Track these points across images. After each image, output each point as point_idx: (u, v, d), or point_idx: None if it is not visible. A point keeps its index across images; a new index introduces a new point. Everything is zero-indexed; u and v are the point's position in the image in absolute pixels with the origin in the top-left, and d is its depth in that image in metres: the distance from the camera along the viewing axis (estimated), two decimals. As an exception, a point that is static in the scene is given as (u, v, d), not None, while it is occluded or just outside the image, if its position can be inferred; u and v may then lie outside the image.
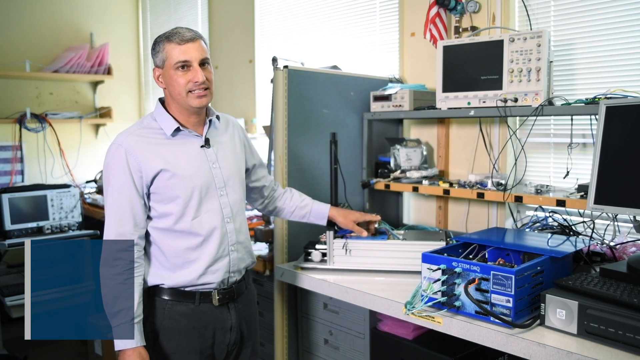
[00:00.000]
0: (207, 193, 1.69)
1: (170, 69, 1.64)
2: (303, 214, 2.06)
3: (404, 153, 2.56)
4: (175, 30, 1.65)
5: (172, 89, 1.66)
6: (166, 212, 1.65)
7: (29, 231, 3.32)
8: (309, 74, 2.41)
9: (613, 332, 1.34)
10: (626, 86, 1.98)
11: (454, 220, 2.66)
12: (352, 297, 1.91)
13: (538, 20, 2.32)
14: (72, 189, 3.53)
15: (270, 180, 2.05)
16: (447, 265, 1.60)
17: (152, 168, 1.62)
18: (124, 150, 1.62)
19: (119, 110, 4.80)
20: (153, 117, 1.71)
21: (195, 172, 1.67)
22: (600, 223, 2.06)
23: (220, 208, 1.71)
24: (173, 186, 1.64)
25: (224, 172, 1.73)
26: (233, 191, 1.75)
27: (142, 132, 1.67)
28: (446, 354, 1.82)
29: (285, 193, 2.08)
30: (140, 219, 1.64)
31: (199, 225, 1.67)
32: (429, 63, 2.66)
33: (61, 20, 4.57)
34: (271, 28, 3.76)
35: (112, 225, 1.63)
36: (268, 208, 2.07)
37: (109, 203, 1.64)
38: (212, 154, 1.72)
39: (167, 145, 1.66)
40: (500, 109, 2.09)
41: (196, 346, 1.68)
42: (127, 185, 1.62)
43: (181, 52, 1.63)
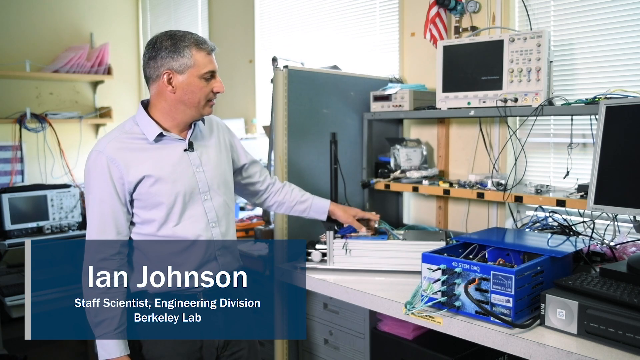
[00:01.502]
0: (191, 198, 1.66)
1: (194, 77, 1.60)
2: (303, 209, 2.04)
3: (404, 153, 2.56)
4: (199, 37, 1.62)
5: (188, 96, 1.62)
6: (149, 219, 1.63)
7: (29, 231, 3.32)
8: (309, 74, 2.41)
9: (613, 332, 1.34)
10: (626, 86, 1.98)
11: (454, 220, 2.66)
12: (352, 297, 1.91)
13: (538, 20, 2.32)
14: (72, 189, 3.54)
15: (266, 175, 2.02)
16: (447, 265, 1.60)
17: (135, 175, 1.60)
18: (105, 157, 1.59)
19: (119, 110, 4.80)
20: (135, 122, 1.67)
21: (179, 177, 1.64)
22: (600, 223, 2.06)
23: (204, 213, 1.68)
24: (156, 192, 1.61)
25: (207, 175, 1.70)
26: (218, 195, 1.72)
27: (124, 137, 1.63)
28: (446, 354, 1.82)
29: (285, 187, 2.05)
30: (122, 227, 1.62)
31: (183, 231, 1.65)
32: (429, 63, 2.66)
33: (61, 20, 4.56)
34: (271, 28, 3.76)
35: (93, 234, 1.61)
36: (267, 203, 2.05)
37: (90, 211, 1.62)
38: (196, 157, 1.69)
39: (150, 151, 1.63)
40: (500, 109, 2.09)
41: (183, 350, 1.67)
42: (108, 193, 1.59)
43: (210, 61, 1.62)
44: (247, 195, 2.04)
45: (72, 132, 4.53)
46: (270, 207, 2.08)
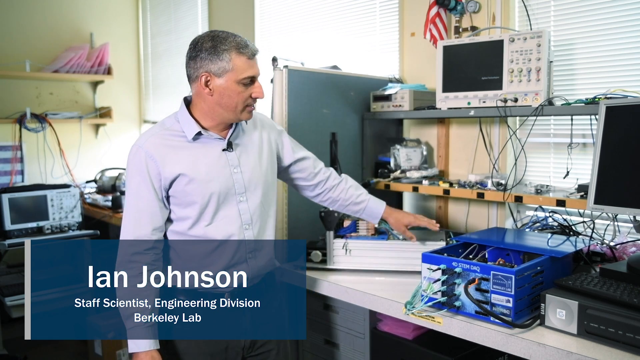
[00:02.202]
0: (226, 199, 1.65)
1: (232, 82, 1.59)
2: (357, 210, 1.98)
3: (404, 153, 2.56)
4: (241, 40, 1.60)
5: (226, 100, 1.61)
6: (183, 216, 1.64)
7: (29, 231, 3.32)
8: (309, 74, 2.40)
9: (613, 332, 1.34)
10: (626, 86, 1.98)
11: (454, 220, 2.66)
12: (352, 297, 1.91)
13: (538, 20, 2.32)
14: (72, 189, 3.53)
15: (318, 171, 1.95)
16: (447, 265, 1.60)
17: (170, 172, 1.61)
18: (143, 152, 1.61)
19: (119, 110, 4.80)
20: (176, 119, 1.67)
21: (214, 178, 1.63)
22: (600, 223, 2.06)
23: (238, 214, 1.67)
24: (190, 191, 1.61)
25: (245, 176, 1.68)
26: (254, 196, 1.70)
27: (164, 133, 1.64)
28: (446, 354, 1.82)
29: (340, 184, 1.97)
30: (158, 222, 1.63)
31: (214, 232, 1.64)
32: (429, 63, 2.66)
33: (61, 20, 4.56)
34: (271, 28, 3.75)
35: (129, 227, 1.62)
36: (320, 198, 1.98)
37: (127, 205, 1.64)
38: (234, 157, 1.68)
39: (187, 149, 1.63)
40: (500, 109, 2.09)
41: (207, 349, 1.67)
42: (145, 188, 1.61)
43: (250, 66, 1.60)
44: (299, 189, 1.99)
45: (72, 132, 4.53)
46: (323, 202, 2.01)
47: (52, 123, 4.31)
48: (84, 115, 4.58)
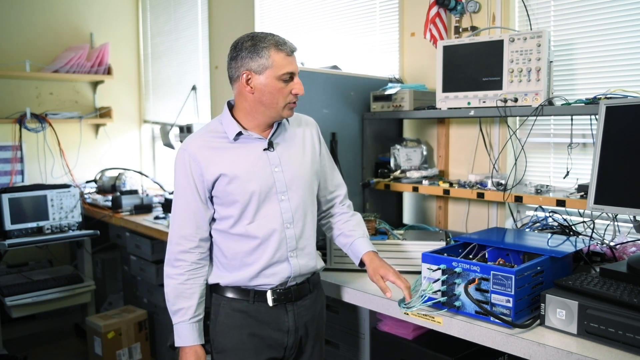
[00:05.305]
0: (267, 198, 1.66)
1: (272, 78, 1.59)
2: (344, 243, 1.86)
3: (404, 153, 2.56)
4: (280, 38, 1.62)
5: (266, 97, 1.61)
6: (226, 215, 1.67)
7: (29, 231, 3.32)
8: (309, 74, 2.40)
9: (613, 332, 1.34)
10: (626, 86, 1.99)
11: (454, 220, 2.66)
12: (352, 297, 1.91)
13: (538, 20, 2.32)
14: (72, 189, 3.53)
15: (331, 193, 1.88)
16: (447, 265, 1.60)
17: (212, 173, 1.63)
18: (187, 154, 1.65)
19: (119, 110, 4.80)
20: (220, 121, 1.70)
21: (254, 177, 1.64)
22: (600, 223, 2.06)
23: (280, 213, 1.67)
24: (231, 191, 1.63)
25: (286, 175, 1.68)
26: (296, 195, 1.70)
27: (207, 136, 1.67)
28: (446, 354, 1.82)
29: (343, 215, 1.89)
30: (202, 222, 1.67)
31: (255, 230, 1.65)
32: (429, 63, 2.66)
33: (61, 20, 4.56)
34: (271, 28, 3.75)
35: (175, 227, 1.68)
36: (321, 221, 1.94)
37: (174, 205, 1.69)
38: (275, 157, 1.68)
39: (229, 150, 1.65)
40: (500, 109, 2.09)
41: (251, 345, 1.68)
42: (189, 189, 1.65)
43: (289, 62, 1.61)
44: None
45: (72, 132, 4.54)
46: (322, 225, 1.95)
47: (52, 123, 4.31)
48: (84, 115, 4.58)
